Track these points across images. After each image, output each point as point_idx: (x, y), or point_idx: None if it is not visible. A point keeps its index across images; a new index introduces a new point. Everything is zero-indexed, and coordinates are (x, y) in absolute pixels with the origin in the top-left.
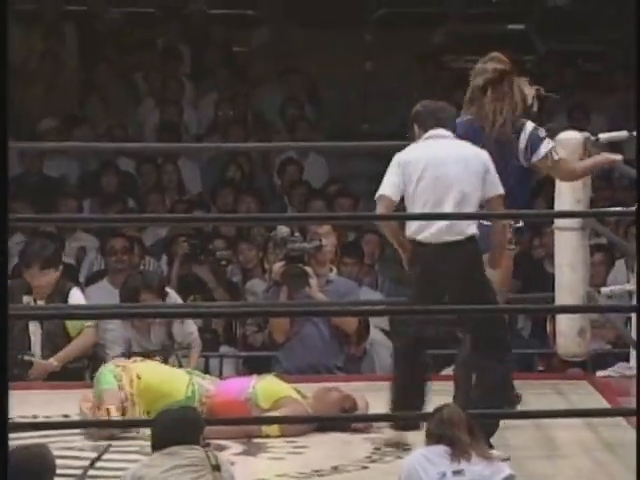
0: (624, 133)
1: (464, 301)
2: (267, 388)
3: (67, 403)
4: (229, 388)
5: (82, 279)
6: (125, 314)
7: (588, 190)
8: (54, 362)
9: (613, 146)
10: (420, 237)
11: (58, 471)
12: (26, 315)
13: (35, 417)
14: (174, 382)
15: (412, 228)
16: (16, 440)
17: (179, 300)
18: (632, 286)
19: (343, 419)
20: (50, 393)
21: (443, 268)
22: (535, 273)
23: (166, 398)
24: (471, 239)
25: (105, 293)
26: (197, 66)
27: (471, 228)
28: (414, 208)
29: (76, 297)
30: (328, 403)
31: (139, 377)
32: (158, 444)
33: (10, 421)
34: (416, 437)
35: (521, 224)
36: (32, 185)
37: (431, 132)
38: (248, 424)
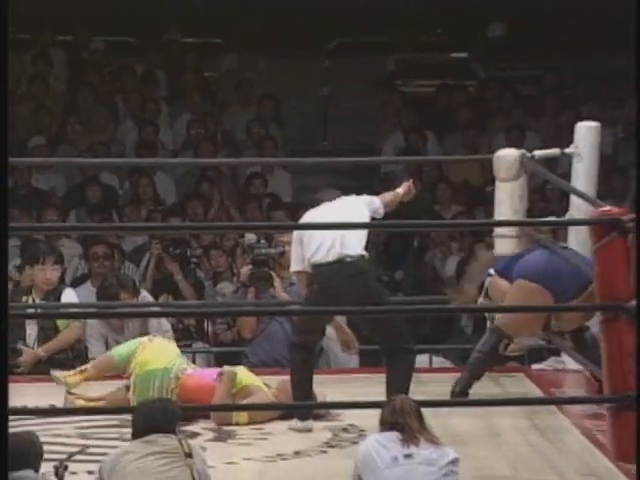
0: (556, 150)
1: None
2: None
3: (54, 395)
4: (204, 373)
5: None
6: (109, 314)
7: (524, 201)
8: (42, 352)
9: (547, 162)
10: (316, 259)
11: (46, 456)
12: (25, 315)
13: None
14: (162, 355)
15: (308, 254)
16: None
17: (151, 299)
18: None
19: (306, 407)
20: (37, 386)
21: (337, 284)
22: None
23: (149, 364)
24: (362, 257)
25: (88, 294)
26: (172, 89)
27: (360, 247)
28: (310, 244)
29: (70, 296)
30: (290, 393)
31: (145, 349)
32: (138, 432)
33: None
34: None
35: None
36: (22, 196)
37: None
38: (220, 410)
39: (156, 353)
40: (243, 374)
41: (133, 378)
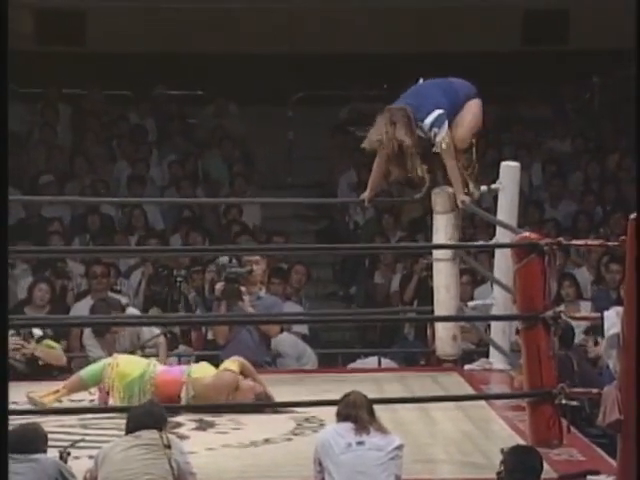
0: (484, 187)
1: None
2: (198, 367)
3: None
4: (170, 370)
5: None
6: (105, 323)
7: (457, 230)
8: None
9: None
10: None
11: (52, 443)
12: (27, 324)
13: (16, 403)
14: (134, 366)
15: None
16: (19, 420)
17: (138, 313)
18: (491, 300)
19: (279, 405)
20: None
21: None
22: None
23: (127, 377)
24: None
25: (89, 307)
26: (160, 134)
27: None
28: None
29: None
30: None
31: (117, 365)
32: (129, 429)
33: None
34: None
35: None
36: (33, 225)
37: None
38: (201, 410)
39: (128, 366)
40: (204, 366)
41: (116, 388)
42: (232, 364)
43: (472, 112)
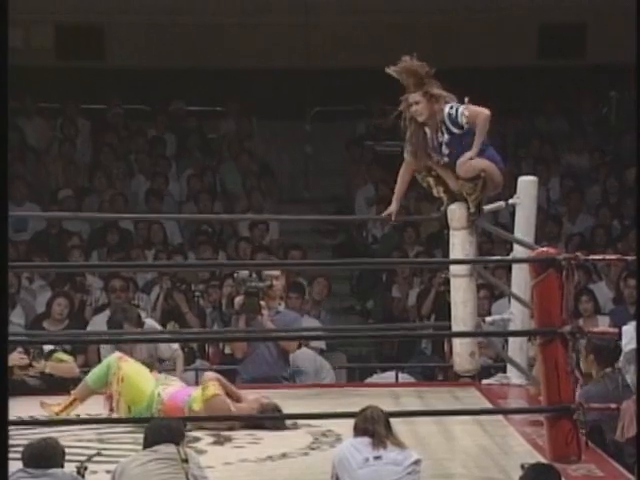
0: (501, 203)
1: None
2: (198, 396)
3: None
4: (175, 397)
5: (90, 311)
6: (119, 340)
7: (474, 246)
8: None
9: (494, 213)
10: None
11: (71, 457)
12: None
13: (32, 417)
14: (141, 388)
15: None
16: (36, 434)
17: (157, 326)
18: (508, 315)
19: (294, 417)
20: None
21: None
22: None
23: (135, 404)
24: None
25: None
26: (178, 149)
27: None
28: None
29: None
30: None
31: (122, 379)
32: (147, 443)
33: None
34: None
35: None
36: (52, 239)
37: None
38: (216, 420)
39: (135, 387)
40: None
41: (123, 410)
42: (213, 387)
43: (489, 163)
